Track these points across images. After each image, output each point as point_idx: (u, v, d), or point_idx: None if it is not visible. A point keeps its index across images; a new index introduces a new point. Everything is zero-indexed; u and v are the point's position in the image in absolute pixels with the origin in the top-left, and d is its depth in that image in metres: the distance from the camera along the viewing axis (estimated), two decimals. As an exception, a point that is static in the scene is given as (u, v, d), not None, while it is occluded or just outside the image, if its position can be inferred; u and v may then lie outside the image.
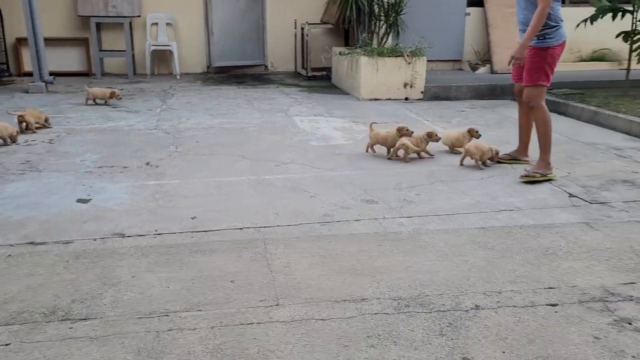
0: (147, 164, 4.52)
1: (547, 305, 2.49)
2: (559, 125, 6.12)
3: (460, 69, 9.50)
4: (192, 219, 3.40)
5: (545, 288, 2.63)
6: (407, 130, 4.68)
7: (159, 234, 3.18)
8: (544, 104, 4.25)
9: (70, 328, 2.27)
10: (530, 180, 4.13)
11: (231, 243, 3.06)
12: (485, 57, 9.32)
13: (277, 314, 2.39)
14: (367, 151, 4.86)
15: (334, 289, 2.60)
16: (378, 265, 2.83)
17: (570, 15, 8.96)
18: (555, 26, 4.07)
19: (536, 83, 4.16)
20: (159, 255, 2.91)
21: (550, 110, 6.90)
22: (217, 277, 2.69)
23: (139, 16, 9.04)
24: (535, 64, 4.14)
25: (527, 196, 3.87)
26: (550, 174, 4.22)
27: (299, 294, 2.55)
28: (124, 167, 4.42)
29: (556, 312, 2.43)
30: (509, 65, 4.37)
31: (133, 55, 9.11)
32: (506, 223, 3.41)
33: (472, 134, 4.81)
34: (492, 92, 7.77)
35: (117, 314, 2.37)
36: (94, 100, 6.84)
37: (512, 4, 9.35)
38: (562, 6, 9.49)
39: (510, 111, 6.84)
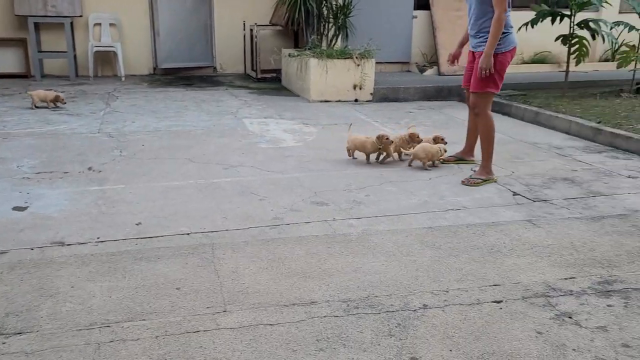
0: (89, 168, 4.35)
1: (492, 302, 2.54)
2: (504, 125, 6.32)
3: (409, 71, 9.66)
4: (137, 225, 3.29)
5: (490, 285, 2.69)
6: (387, 139, 4.54)
7: (101, 242, 3.06)
8: (489, 112, 4.28)
9: (3, 343, 2.14)
10: (473, 185, 4.18)
11: (177, 249, 2.98)
12: (432, 59, 9.52)
13: (225, 320, 2.33)
14: (350, 157, 4.76)
15: (283, 293, 2.57)
16: (327, 268, 2.82)
17: (512, 19, 9.32)
18: (505, 33, 4.06)
19: (484, 90, 4.17)
20: (100, 263, 2.80)
21: (495, 112, 7.13)
22: (162, 285, 2.60)
23: (80, 16, 8.72)
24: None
25: (474, 195, 3.96)
26: (491, 178, 4.26)
27: (247, 299, 2.51)
28: (65, 173, 4.23)
29: (501, 308, 2.49)
30: (448, 63, 4.67)
31: (75, 57, 8.78)
32: (453, 222, 3.47)
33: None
34: (439, 94, 7.94)
35: (55, 327, 2.25)
36: (36, 105, 6.54)
37: (457, 7, 9.63)
38: (504, 10, 9.59)
39: (456, 112, 7.00)
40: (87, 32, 8.90)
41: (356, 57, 7.36)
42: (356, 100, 7.52)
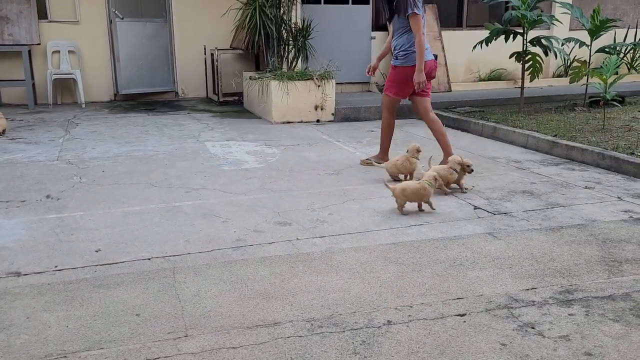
0: (48, 196, 4.24)
1: (456, 315, 2.56)
2: (463, 141, 6.47)
3: (369, 91, 9.81)
4: (96, 252, 3.22)
5: (453, 299, 2.72)
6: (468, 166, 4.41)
7: (59, 270, 2.97)
8: (389, 113, 5.19)
9: (-49, 382, 2.05)
10: (366, 164, 5.19)
11: (137, 275, 2.92)
12: (393, 80, 9.69)
13: (186, 345, 2.29)
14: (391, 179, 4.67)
15: (246, 314, 2.54)
16: (291, 287, 2.80)
17: (467, 38, 9.64)
18: (410, 52, 4.82)
19: (386, 93, 5.11)
20: (57, 292, 2.72)
21: (454, 127, 7.34)
22: (122, 312, 2.54)
23: (38, 44, 8.58)
24: (390, 78, 5.04)
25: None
26: (381, 164, 4.96)
27: (209, 322, 2.46)
28: (21, 202, 4.12)
29: (465, 321, 2.51)
30: (366, 73, 5.40)
31: (34, 85, 8.61)
32: (416, 237, 3.51)
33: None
34: (399, 112, 8.04)
35: (8, 361, 2.17)
36: None
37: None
38: (459, 30, 10.08)
39: (417, 130, 7.13)
40: (45, 60, 8.76)
41: (316, 79, 7.45)
42: (318, 121, 7.58)
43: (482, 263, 3.13)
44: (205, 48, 9.39)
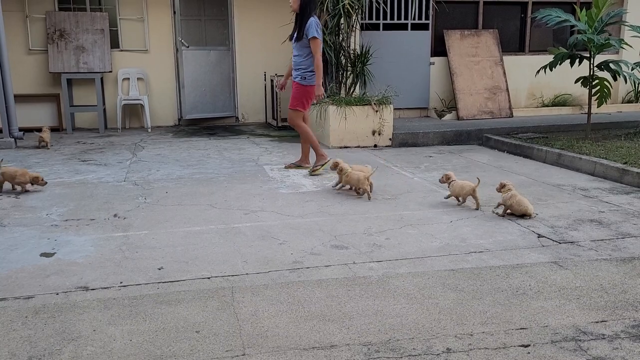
0: (115, 215, 4.44)
1: (519, 346, 2.46)
2: (525, 167, 6.28)
3: (427, 116, 9.74)
4: (159, 269, 3.32)
5: (516, 329, 2.61)
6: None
7: (124, 286, 3.08)
8: (301, 122, 5.90)
9: (23, 388, 2.15)
10: (316, 174, 5.80)
11: (198, 293, 2.99)
12: (451, 104, 9.61)
13: (243, 364, 2.31)
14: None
15: (302, 336, 2.54)
16: (347, 311, 2.78)
17: (529, 63, 9.45)
18: (314, 71, 5.68)
19: (296, 108, 5.85)
20: (122, 307, 2.82)
21: (516, 154, 7.15)
22: (182, 328, 2.60)
23: (110, 71, 9.10)
24: (297, 95, 5.80)
25: (497, 238, 3.91)
26: (327, 161, 5.76)
27: (266, 342, 2.48)
28: (91, 220, 4.32)
29: (529, 353, 2.40)
30: (277, 89, 6.54)
31: (104, 110, 9.11)
32: (476, 264, 3.41)
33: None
34: (459, 138, 7.97)
35: (75, 371, 2.26)
36: (11, 186, 5.19)
37: (473, 53, 9.79)
38: (521, 55, 9.94)
39: (477, 156, 7.00)
40: (116, 86, 9.27)
41: (374, 104, 7.48)
42: (375, 146, 7.58)
43: (547, 293, 3.00)
44: (265, 74, 9.66)
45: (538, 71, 7.56)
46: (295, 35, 5.71)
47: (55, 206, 4.71)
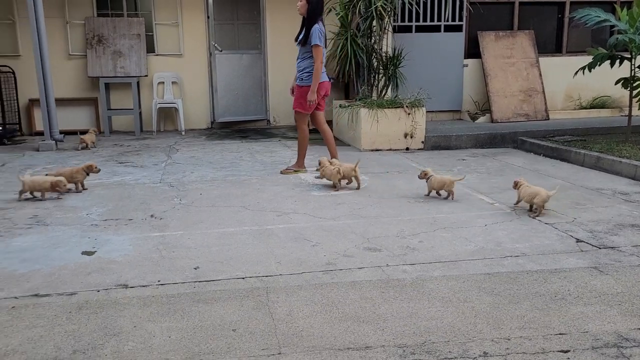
0: (152, 216, 4.53)
1: (558, 351, 2.42)
2: (562, 171, 6.16)
3: (460, 119, 9.63)
4: (195, 269, 3.38)
5: (555, 334, 2.56)
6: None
7: (162, 284, 3.15)
8: (303, 125, 6.06)
9: (67, 381, 2.22)
10: (285, 174, 6.03)
11: (233, 292, 3.03)
12: (485, 107, 9.48)
13: (280, 363, 2.33)
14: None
15: (337, 337, 2.55)
16: (382, 312, 2.78)
17: (566, 65, 9.25)
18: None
19: (297, 109, 6.03)
20: (161, 305, 2.88)
21: (552, 157, 7.01)
22: (219, 326, 2.64)
23: (146, 76, 9.31)
24: (297, 97, 5.98)
25: (533, 242, 3.84)
26: (300, 170, 6.09)
27: (301, 342, 2.50)
28: (129, 220, 4.43)
29: (568, 358, 2.36)
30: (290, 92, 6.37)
31: (140, 113, 9.31)
32: (512, 269, 3.36)
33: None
34: (493, 141, 7.85)
35: (117, 366, 2.32)
36: (31, 194, 5.09)
37: (508, 55, 9.64)
38: (558, 56, 9.73)
39: (511, 159, 6.89)
40: (151, 90, 9.47)
41: (406, 106, 7.44)
42: (407, 149, 7.55)
43: (587, 298, 2.93)
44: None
45: (576, 72, 7.39)
46: (300, 38, 5.86)
47: (95, 206, 4.84)
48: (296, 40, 5.98)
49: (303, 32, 5.84)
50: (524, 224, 4.24)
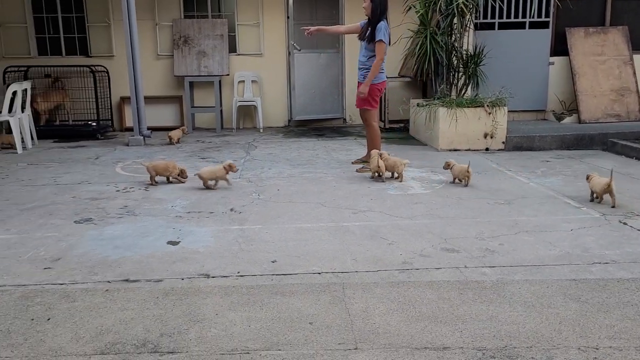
0: (231, 210, 4.69)
1: (651, 365, 2.27)
2: (657, 175, 5.75)
3: (544, 119, 9.21)
4: (272, 262, 3.47)
5: (648, 346, 2.41)
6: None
7: (241, 276, 3.26)
8: (374, 122, 6.22)
9: (156, 361, 2.35)
10: (356, 164, 6.41)
11: (309, 286, 3.08)
12: (572, 107, 9.01)
13: (356, 357, 2.35)
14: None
15: (414, 335, 2.53)
16: (460, 314, 2.73)
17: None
18: (380, 71, 6.00)
19: (364, 107, 6.14)
20: (240, 295, 2.98)
21: (629, 156, 6.56)
22: (296, 319, 2.70)
23: (227, 75, 9.63)
24: (366, 95, 6.03)
25: (624, 249, 3.62)
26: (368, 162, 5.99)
27: (377, 338, 2.50)
28: (210, 213, 4.61)
29: (662, 373, 2.21)
30: (359, 96, 6.18)
31: (221, 111, 9.65)
32: (601, 276, 3.19)
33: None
34: (580, 142, 7.46)
35: (202, 350, 2.43)
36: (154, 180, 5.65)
37: (598, 52, 9.13)
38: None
39: (600, 162, 6.51)
40: (232, 89, 9.79)
41: (487, 106, 7.23)
42: (487, 149, 7.32)
43: (685, 311, 2.73)
44: (373, 77, 9.68)
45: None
46: (367, 35, 5.94)
47: (179, 199, 5.08)
48: (361, 37, 6.07)
49: (369, 29, 5.93)
50: (615, 230, 4.00)
